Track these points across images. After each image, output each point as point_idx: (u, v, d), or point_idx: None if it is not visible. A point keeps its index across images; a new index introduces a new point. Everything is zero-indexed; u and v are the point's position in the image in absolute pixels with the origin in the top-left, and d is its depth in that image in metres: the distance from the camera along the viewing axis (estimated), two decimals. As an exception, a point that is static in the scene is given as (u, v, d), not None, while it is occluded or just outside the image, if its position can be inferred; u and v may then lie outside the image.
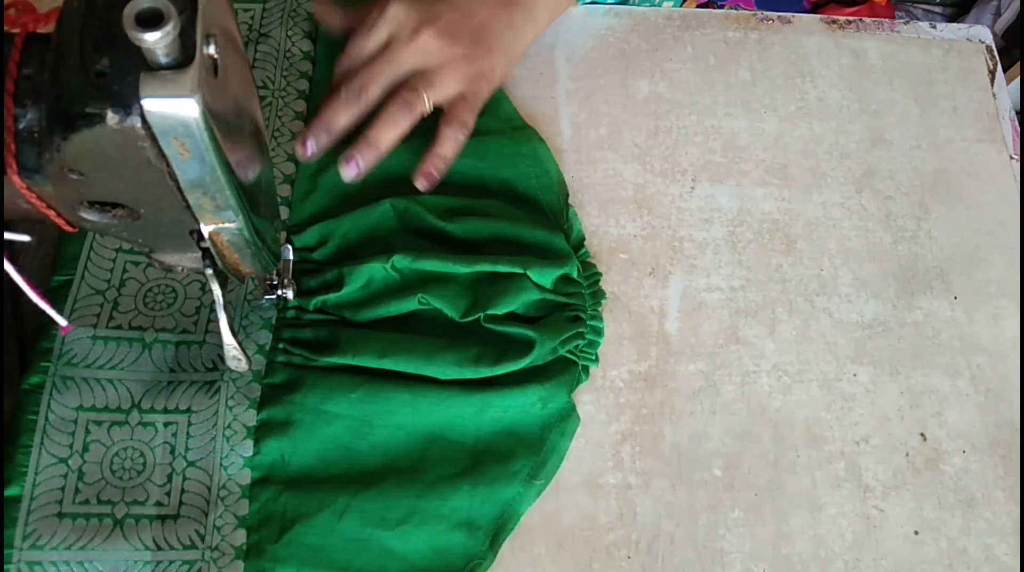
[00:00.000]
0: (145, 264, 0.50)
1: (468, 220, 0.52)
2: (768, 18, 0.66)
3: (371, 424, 0.47)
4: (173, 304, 0.50)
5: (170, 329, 0.49)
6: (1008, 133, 0.64)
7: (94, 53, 0.29)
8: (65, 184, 0.31)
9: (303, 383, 0.48)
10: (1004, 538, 0.51)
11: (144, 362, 0.48)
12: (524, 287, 0.51)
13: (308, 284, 0.50)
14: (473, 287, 0.51)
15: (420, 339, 0.49)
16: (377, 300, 0.50)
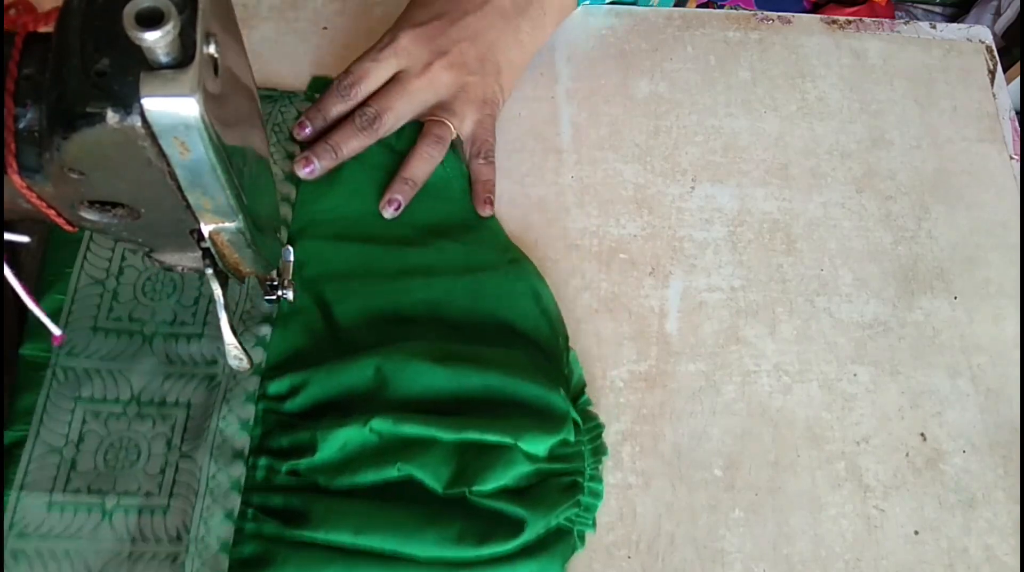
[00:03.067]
0: (108, 415, 0.47)
1: (460, 369, 0.48)
2: (768, 18, 0.66)
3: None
4: (135, 464, 0.46)
5: (132, 492, 0.45)
6: (1008, 133, 0.64)
7: (94, 53, 0.29)
8: (65, 184, 0.31)
9: (274, 559, 0.43)
10: (1004, 538, 0.51)
11: (103, 532, 0.44)
12: (515, 460, 0.46)
13: (279, 442, 0.46)
14: (459, 455, 0.46)
15: (398, 512, 0.45)
16: (354, 466, 0.45)
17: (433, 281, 0.52)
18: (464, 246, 0.54)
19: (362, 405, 0.46)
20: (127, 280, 0.50)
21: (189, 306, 0.50)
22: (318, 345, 0.49)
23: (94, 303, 0.49)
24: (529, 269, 0.54)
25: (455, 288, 0.52)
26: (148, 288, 0.50)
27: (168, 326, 0.49)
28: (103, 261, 0.50)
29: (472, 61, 0.55)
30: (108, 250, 0.50)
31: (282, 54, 0.61)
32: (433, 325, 0.51)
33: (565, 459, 0.47)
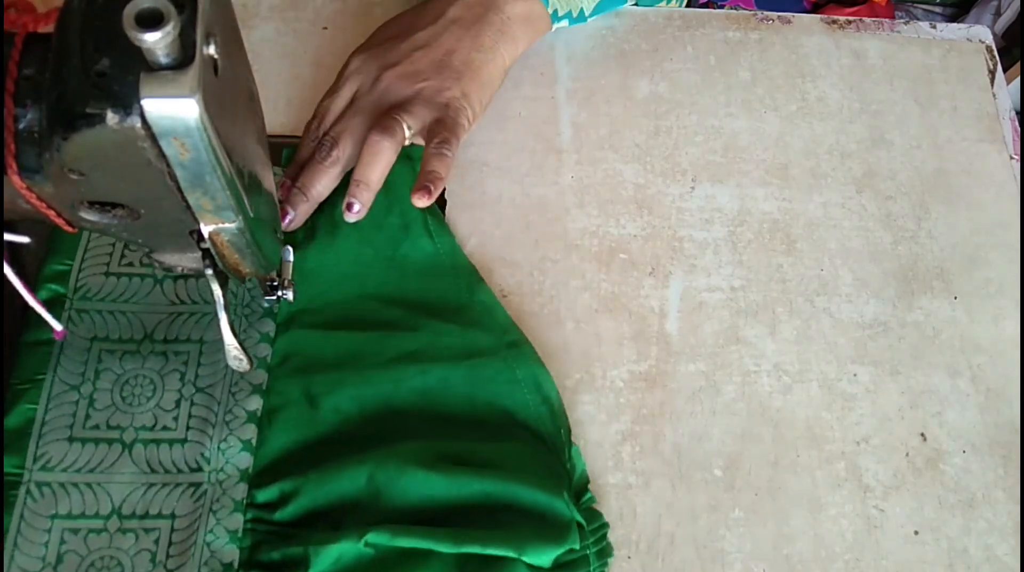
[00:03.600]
0: (88, 532, 0.45)
1: (457, 475, 0.45)
2: (768, 18, 0.66)
3: None
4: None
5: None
6: (1008, 133, 0.64)
7: (94, 53, 0.29)
8: (65, 184, 0.31)
9: None
10: (1004, 538, 0.51)
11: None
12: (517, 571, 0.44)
13: (270, 556, 0.44)
14: (459, 568, 0.44)
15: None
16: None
17: (428, 369, 0.49)
18: (460, 329, 0.51)
19: (356, 515, 0.44)
20: (104, 384, 0.47)
21: (170, 410, 0.47)
22: (308, 445, 0.47)
23: (69, 412, 0.46)
24: (529, 353, 0.51)
25: (451, 376, 0.49)
26: (127, 392, 0.47)
27: (148, 431, 0.46)
28: (78, 364, 0.47)
29: (426, 68, 0.53)
30: (84, 352, 0.47)
31: (282, 54, 0.61)
32: (428, 418, 0.48)
33: (570, 566, 0.46)
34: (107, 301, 0.49)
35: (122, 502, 0.44)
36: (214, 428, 0.46)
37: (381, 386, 0.49)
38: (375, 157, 0.50)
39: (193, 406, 0.47)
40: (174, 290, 0.50)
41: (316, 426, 0.47)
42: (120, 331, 0.48)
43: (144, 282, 0.50)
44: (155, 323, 0.49)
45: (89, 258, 0.50)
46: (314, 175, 0.51)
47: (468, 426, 0.48)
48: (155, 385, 0.47)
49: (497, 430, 0.49)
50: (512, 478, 0.46)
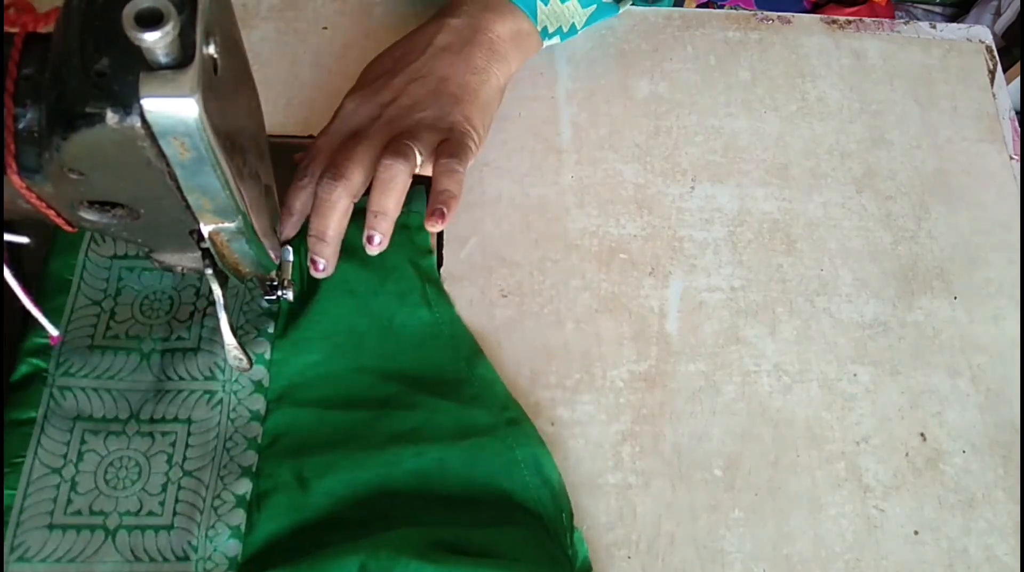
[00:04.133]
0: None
1: (452, 564, 0.43)
2: (768, 18, 0.66)
3: None
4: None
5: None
6: (1008, 133, 0.64)
7: (94, 53, 0.29)
8: (65, 184, 0.31)
9: None
10: (1004, 538, 0.51)
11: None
12: None
13: None
14: None
15: None
16: None
17: (424, 450, 0.47)
18: (458, 406, 0.49)
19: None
20: (87, 467, 0.45)
21: (156, 494, 0.45)
22: (298, 531, 0.45)
23: (50, 496, 0.44)
24: (529, 432, 0.49)
25: (448, 457, 0.48)
26: (111, 475, 0.45)
27: (133, 517, 0.44)
28: (60, 445, 0.45)
29: (424, 98, 0.51)
30: (66, 432, 0.45)
31: (282, 54, 0.61)
32: (424, 501, 0.47)
33: None
34: (91, 377, 0.47)
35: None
36: (202, 514, 0.44)
37: (375, 469, 0.47)
38: (390, 183, 0.47)
39: (180, 490, 0.45)
40: (160, 365, 0.48)
41: (307, 511, 0.45)
42: (104, 410, 0.46)
43: (130, 356, 0.47)
44: (141, 402, 0.47)
45: (73, 329, 0.48)
46: (326, 216, 0.47)
47: (465, 509, 0.47)
48: (140, 468, 0.45)
49: (495, 513, 0.47)
50: (509, 567, 0.44)
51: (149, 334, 0.48)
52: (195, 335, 0.49)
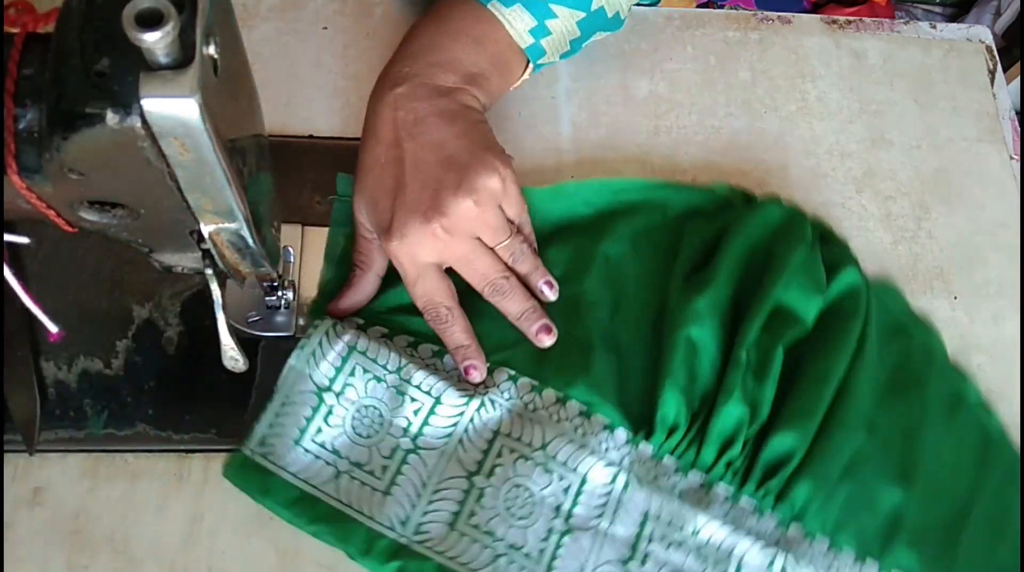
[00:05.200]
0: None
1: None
2: (768, 18, 0.66)
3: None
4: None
5: None
6: (1008, 133, 0.64)
7: (94, 53, 0.29)
8: (65, 184, 0.31)
9: (797, 486, 0.48)
10: (1004, 538, 0.51)
11: None
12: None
13: (706, 456, 0.49)
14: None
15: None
16: (759, 383, 0.49)
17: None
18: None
19: (708, 374, 0.50)
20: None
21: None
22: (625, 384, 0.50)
23: None
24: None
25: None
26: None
27: None
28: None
29: (445, 186, 0.47)
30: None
31: (282, 54, 0.61)
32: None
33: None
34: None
35: None
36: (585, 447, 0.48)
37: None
38: (508, 292, 0.50)
39: None
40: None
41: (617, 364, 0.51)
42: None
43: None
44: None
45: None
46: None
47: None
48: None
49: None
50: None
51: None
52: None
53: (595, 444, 0.48)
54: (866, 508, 0.48)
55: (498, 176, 0.48)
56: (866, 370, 0.51)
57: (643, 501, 0.47)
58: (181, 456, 0.48)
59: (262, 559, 0.46)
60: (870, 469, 0.49)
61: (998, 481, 0.51)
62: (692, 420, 0.49)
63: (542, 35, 0.52)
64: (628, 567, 0.46)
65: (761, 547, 0.46)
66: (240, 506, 0.47)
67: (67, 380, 0.49)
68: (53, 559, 0.45)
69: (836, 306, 0.53)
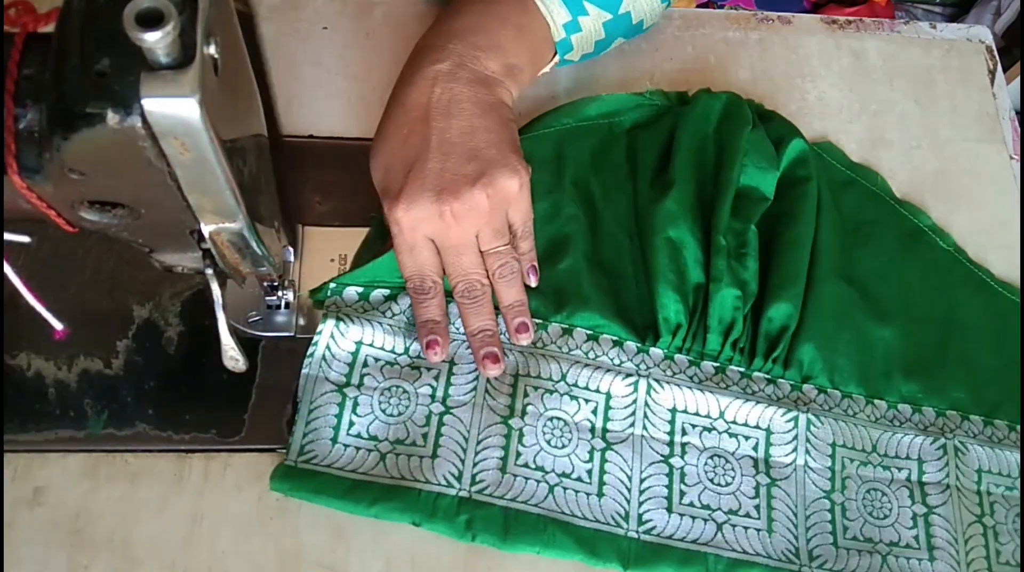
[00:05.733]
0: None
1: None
2: (768, 18, 0.66)
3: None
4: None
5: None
6: (1008, 133, 0.64)
7: (94, 53, 0.29)
8: (65, 184, 0.31)
9: (801, 354, 0.52)
10: (1004, 538, 0.51)
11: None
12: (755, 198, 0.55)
13: (712, 344, 0.52)
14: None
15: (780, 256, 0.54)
16: (741, 259, 0.53)
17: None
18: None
19: (665, 268, 0.52)
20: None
21: None
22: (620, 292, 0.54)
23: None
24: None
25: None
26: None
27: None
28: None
29: (469, 172, 0.47)
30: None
31: (282, 54, 0.61)
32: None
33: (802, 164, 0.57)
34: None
35: None
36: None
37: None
38: (509, 278, 0.50)
39: None
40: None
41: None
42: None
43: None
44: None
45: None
46: (473, 315, 0.50)
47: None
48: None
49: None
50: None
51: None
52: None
53: (608, 362, 0.51)
54: (863, 352, 0.53)
55: (518, 180, 0.48)
56: (829, 226, 0.55)
57: (668, 400, 0.50)
58: (181, 456, 0.48)
59: (262, 559, 0.46)
60: (857, 316, 0.54)
61: (965, 293, 0.57)
62: (691, 314, 0.52)
63: (573, 31, 0.54)
64: (671, 462, 0.49)
65: (783, 413, 0.50)
66: (240, 506, 0.47)
67: (67, 380, 0.49)
68: (53, 559, 0.45)
69: (790, 175, 0.57)
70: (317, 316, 0.52)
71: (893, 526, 0.49)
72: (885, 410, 0.52)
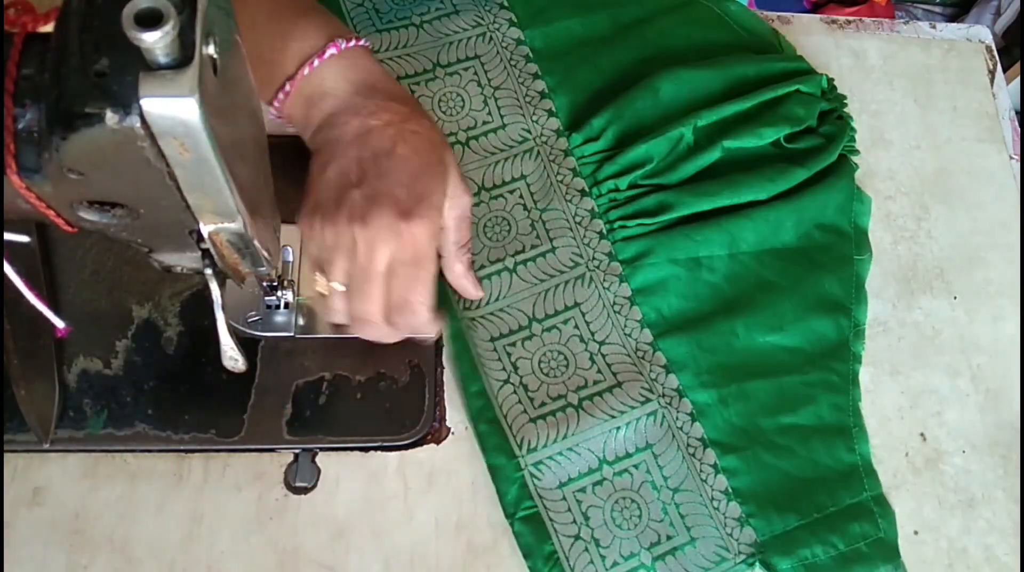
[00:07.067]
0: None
1: (720, 64, 0.59)
2: (768, 18, 0.66)
3: (720, 257, 0.55)
4: (510, 232, 0.55)
5: (520, 251, 0.55)
6: (1008, 133, 0.64)
7: (94, 53, 0.29)
8: (65, 184, 0.31)
9: (654, 246, 0.54)
10: (1004, 538, 0.51)
11: (517, 284, 0.54)
12: (805, 100, 0.58)
13: (607, 171, 0.56)
14: (764, 117, 0.57)
15: (735, 174, 0.56)
16: (684, 160, 0.56)
17: (655, 22, 0.62)
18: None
19: (660, 122, 0.57)
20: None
21: (481, 110, 0.58)
22: (591, 98, 0.59)
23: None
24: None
25: (672, 22, 0.62)
26: (444, 106, 0.58)
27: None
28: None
29: (435, 191, 0.46)
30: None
31: (282, 54, 0.61)
32: (667, 60, 0.60)
33: (829, 99, 0.59)
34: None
35: (481, 179, 0.57)
36: (522, 110, 0.58)
37: (625, 44, 0.62)
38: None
39: (498, 101, 0.59)
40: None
41: (589, 85, 0.60)
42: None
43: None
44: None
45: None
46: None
47: (700, 57, 0.61)
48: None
49: (722, 51, 0.62)
50: (764, 59, 0.60)
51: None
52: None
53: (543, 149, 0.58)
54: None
55: (469, 208, 0.50)
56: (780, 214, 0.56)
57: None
58: (181, 456, 0.48)
59: (262, 559, 0.46)
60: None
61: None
62: (616, 142, 0.57)
63: None
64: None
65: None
66: (239, 506, 0.47)
67: (67, 380, 0.49)
68: (53, 559, 0.45)
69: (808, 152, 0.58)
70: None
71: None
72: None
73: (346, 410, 0.50)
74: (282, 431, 0.49)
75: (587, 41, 0.61)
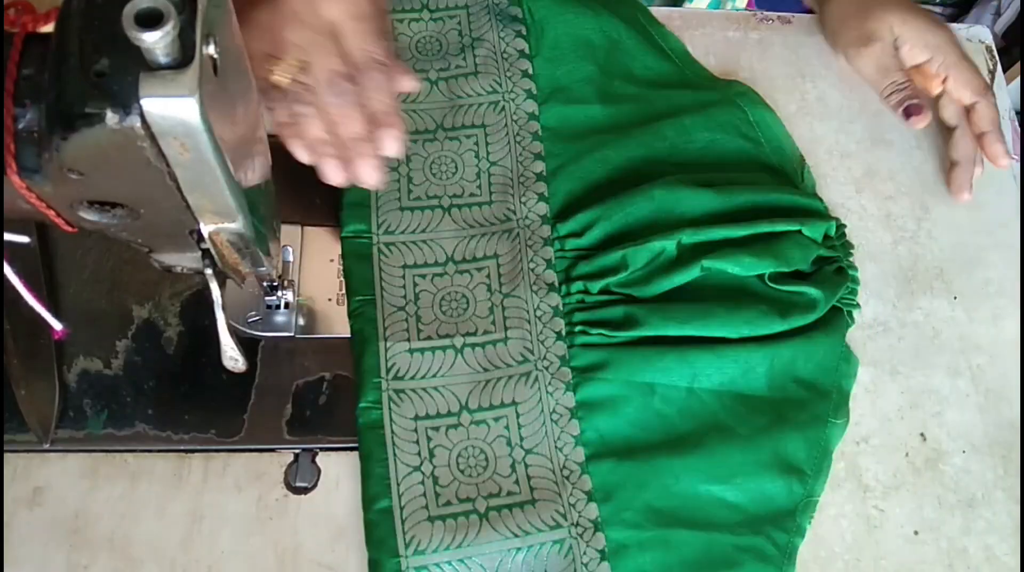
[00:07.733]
0: (432, 275, 0.53)
1: (724, 190, 0.55)
2: (768, 18, 0.66)
3: (679, 388, 0.51)
4: (466, 311, 0.52)
5: (472, 333, 0.52)
6: (1008, 133, 0.64)
7: (94, 53, 0.29)
8: (65, 184, 0.31)
9: (610, 362, 0.51)
10: (1004, 538, 0.51)
11: (459, 366, 0.51)
12: (802, 243, 0.54)
13: (584, 270, 0.53)
14: (752, 247, 0.53)
15: (710, 304, 0.52)
16: (661, 275, 0.52)
17: (675, 122, 0.59)
18: (692, 91, 0.61)
19: (647, 231, 0.53)
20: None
21: (472, 181, 0.56)
22: (588, 189, 0.56)
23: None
24: (755, 98, 0.61)
25: (694, 126, 0.59)
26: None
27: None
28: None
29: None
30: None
31: (282, 54, 0.61)
32: (679, 164, 0.57)
33: (832, 247, 0.55)
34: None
35: (452, 250, 0.54)
36: (513, 190, 0.56)
37: (640, 139, 0.58)
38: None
39: (492, 167, 0.57)
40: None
41: (590, 175, 0.57)
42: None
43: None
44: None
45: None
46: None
47: (715, 167, 0.58)
48: (456, 165, 0.56)
49: (739, 165, 0.58)
50: (769, 189, 0.56)
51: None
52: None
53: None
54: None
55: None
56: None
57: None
58: (181, 456, 0.49)
59: (262, 559, 0.46)
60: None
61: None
62: (599, 243, 0.54)
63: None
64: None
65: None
66: (239, 506, 0.47)
67: (67, 380, 0.49)
68: (53, 559, 0.45)
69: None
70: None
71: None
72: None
73: (346, 410, 0.50)
74: (282, 431, 0.49)
75: (603, 129, 0.59)
